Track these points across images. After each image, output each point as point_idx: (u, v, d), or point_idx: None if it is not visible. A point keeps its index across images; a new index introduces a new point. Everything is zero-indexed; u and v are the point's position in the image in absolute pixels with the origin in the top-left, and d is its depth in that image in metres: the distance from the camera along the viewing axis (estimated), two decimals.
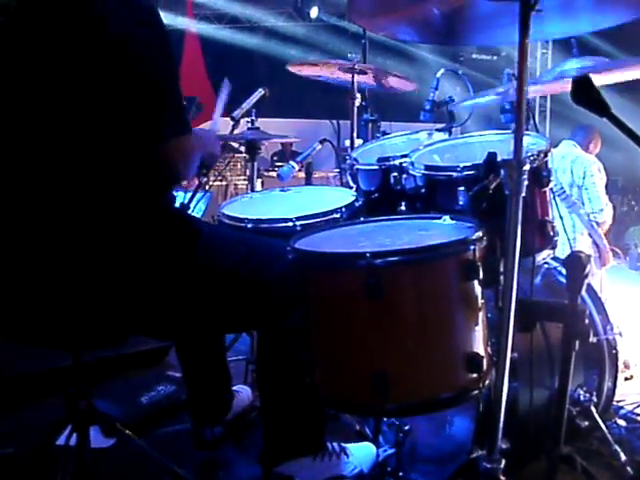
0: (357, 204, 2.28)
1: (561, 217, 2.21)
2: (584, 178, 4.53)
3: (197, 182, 3.26)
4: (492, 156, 1.63)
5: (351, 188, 2.45)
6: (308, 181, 3.34)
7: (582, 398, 2.14)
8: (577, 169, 4.55)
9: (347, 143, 4.03)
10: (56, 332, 1.74)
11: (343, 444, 2.05)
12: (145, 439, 2.20)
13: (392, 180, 2.23)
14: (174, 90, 1.67)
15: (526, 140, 1.56)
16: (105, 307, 1.69)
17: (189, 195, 3.22)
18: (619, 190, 8.31)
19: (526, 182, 1.50)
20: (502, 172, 1.55)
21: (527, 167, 1.50)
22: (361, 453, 2.07)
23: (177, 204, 2.04)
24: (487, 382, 1.60)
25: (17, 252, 1.68)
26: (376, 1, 1.64)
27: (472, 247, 1.54)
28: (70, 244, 1.64)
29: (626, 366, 3.10)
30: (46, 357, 2.63)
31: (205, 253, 1.79)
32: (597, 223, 4.44)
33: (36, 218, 1.66)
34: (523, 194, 1.49)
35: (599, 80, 1.71)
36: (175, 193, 1.92)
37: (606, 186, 4.65)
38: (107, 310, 1.70)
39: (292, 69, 3.48)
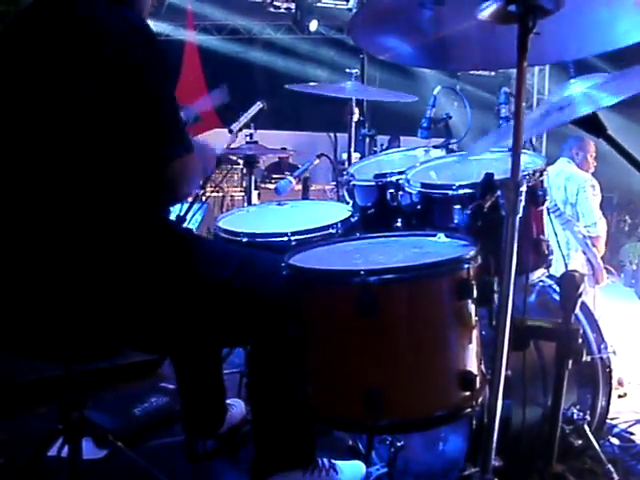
0: (353, 220, 2.29)
1: (555, 234, 2.22)
2: (577, 195, 4.55)
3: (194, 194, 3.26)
4: (489, 177, 1.64)
5: (347, 203, 2.46)
6: (305, 195, 3.35)
7: (575, 416, 2.14)
8: (571, 187, 4.57)
9: (344, 156, 4.06)
10: (49, 345, 1.73)
11: (333, 461, 2.05)
12: (137, 451, 2.20)
13: (388, 196, 2.24)
14: (173, 110, 1.68)
15: (523, 159, 1.56)
16: (99, 321, 1.69)
17: (185, 207, 3.22)
18: (614, 207, 8.34)
19: (522, 202, 1.51)
20: (499, 192, 1.55)
21: (524, 188, 1.51)
22: (350, 471, 2.06)
23: (173, 216, 2.05)
24: (480, 400, 1.61)
25: (11, 263, 1.68)
26: (376, 21, 1.65)
27: (466, 266, 1.54)
28: (66, 258, 1.64)
29: (620, 384, 3.10)
30: (38, 367, 2.62)
31: (199, 266, 1.80)
32: (591, 238, 4.45)
33: (32, 231, 1.66)
34: (520, 215, 1.50)
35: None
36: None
37: (601, 203, 4.66)
38: (101, 324, 1.70)
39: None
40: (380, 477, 2.03)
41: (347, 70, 3.51)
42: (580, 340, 1.79)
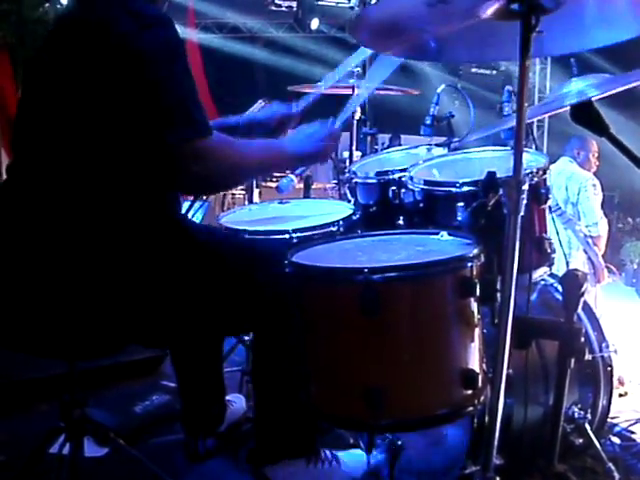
0: (355, 218, 2.28)
1: (557, 232, 2.22)
2: (579, 194, 4.55)
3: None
4: (491, 175, 1.64)
5: (349, 201, 2.46)
6: (307, 194, 3.35)
7: (577, 415, 2.14)
8: (572, 186, 4.56)
9: (345, 155, 4.06)
10: (52, 342, 1.74)
11: (334, 451, 2.05)
12: (139, 449, 2.19)
13: (390, 194, 2.24)
14: (179, 93, 1.63)
15: (525, 157, 1.57)
16: (102, 315, 1.69)
17: (187, 204, 3.23)
18: (615, 206, 8.33)
19: (525, 201, 1.51)
20: (501, 190, 1.55)
21: (526, 186, 1.51)
22: (352, 460, 2.06)
23: None
24: (482, 398, 1.61)
25: (15, 261, 1.69)
26: (378, 25, 1.65)
27: (469, 264, 1.54)
28: (67, 252, 1.65)
29: (620, 382, 3.10)
30: (39, 364, 2.62)
31: (201, 255, 1.80)
32: (592, 238, 4.45)
33: (36, 229, 1.66)
34: (522, 213, 1.50)
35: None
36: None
37: (602, 202, 4.66)
38: (104, 318, 1.70)
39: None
40: (378, 464, 2.03)
41: (349, 68, 3.50)
42: (582, 339, 1.79)
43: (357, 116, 3.52)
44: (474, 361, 1.58)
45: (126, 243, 1.68)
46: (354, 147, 3.59)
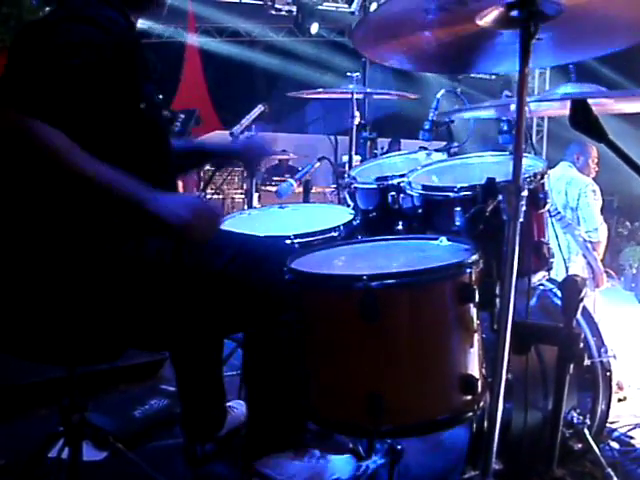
0: (355, 223, 2.29)
1: (556, 237, 2.23)
2: (578, 200, 4.55)
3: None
4: (491, 181, 1.64)
5: (348, 205, 2.46)
6: (306, 198, 3.36)
7: (576, 420, 2.14)
8: (572, 191, 4.57)
9: (345, 159, 4.07)
10: (51, 348, 1.74)
11: (324, 452, 2.05)
12: (137, 453, 2.19)
13: (390, 199, 2.24)
14: (44, 70, 1.58)
15: (524, 162, 1.57)
16: (100, 321, 1.69)
17: None
18: (614, 210, 8.34)
19: (524, 207, 1.51)
20: (500, 196, 1.56)
21: (525, 192, 1.51)
22: (340, 462, 2.06)
23: None
24: (481, 404, 1.61)
25: (12, 266, 1.69)
26: (379, 31, 1.65)
27: (468, 270, 1.54)
28: (65, 259, 1.65)
29: (620, 387, 3.10)
30: (39, 369, 2.62)
31: (193, 255, 1.79)
32: (592, 243, 4.45)
33: (31, 236, 1.67)
34: (521, 219, 1.50)
35: (601, 109, 1.74)
36: None
37: (602, 207, 4.67)
38: (102, 323, 1.70)
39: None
40: (377, 470, 2.02)
41: (348, 74, 3.52)
42: (581, 344, 1.80)
43: (356, 121, 3.53)
44: (473, 366, 1.58)
45: (121, 247, 1.68)
46: (353, 151, 3.60)
